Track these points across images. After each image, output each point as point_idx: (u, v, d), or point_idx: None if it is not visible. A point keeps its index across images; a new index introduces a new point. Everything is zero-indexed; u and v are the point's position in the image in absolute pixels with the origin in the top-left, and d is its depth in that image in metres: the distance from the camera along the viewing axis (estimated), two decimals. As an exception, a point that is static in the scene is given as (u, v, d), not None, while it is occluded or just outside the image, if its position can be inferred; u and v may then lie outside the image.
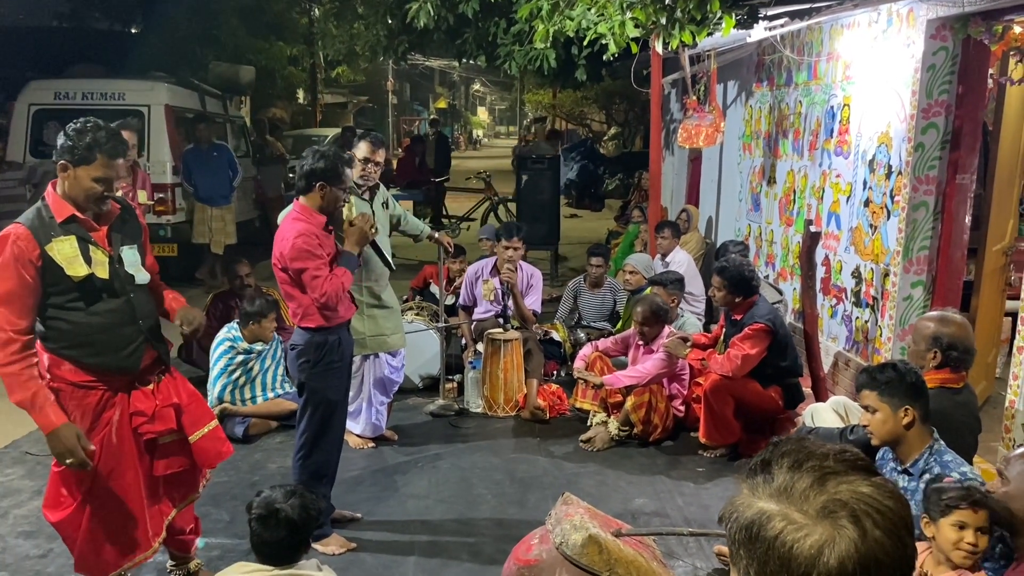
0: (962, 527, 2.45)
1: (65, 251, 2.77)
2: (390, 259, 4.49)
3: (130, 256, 2.95)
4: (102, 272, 2.85)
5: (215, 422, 3.23)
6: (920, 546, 2.55)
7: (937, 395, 3.22)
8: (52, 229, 2.77)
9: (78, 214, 2.82)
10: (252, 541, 2.58)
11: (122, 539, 3.03)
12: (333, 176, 3.56)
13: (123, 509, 3.00)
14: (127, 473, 3.00)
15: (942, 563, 2.50)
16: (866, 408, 2.96)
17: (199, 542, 3.51)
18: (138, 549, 3.06)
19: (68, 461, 2.78)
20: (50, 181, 2.90)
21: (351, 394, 4.72)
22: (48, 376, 2.84)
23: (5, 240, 2.72)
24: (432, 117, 21.81)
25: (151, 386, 3.05)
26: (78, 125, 2.79)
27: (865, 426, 2.98)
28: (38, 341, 2.83)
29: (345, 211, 3.90)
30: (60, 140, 2.79)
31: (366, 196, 4.62)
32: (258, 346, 5.16)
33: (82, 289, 2.82)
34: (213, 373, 5.10)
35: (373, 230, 3.75)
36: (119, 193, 5.23)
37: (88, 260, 2.81)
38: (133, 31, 15.38)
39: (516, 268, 5.76)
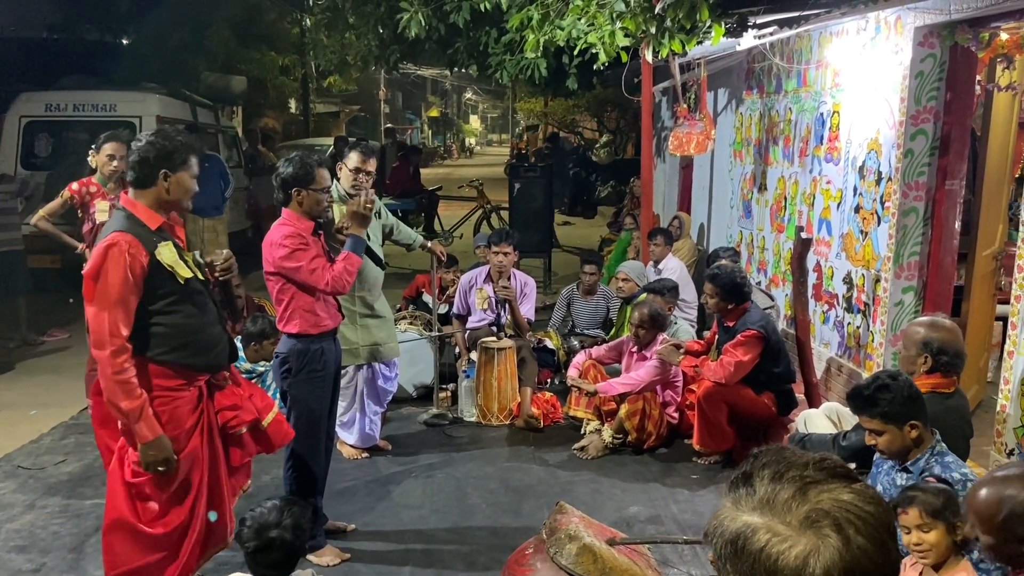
0: (908, 531, 2.48)
1: (170, 256, 2.85)
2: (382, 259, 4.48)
3: (195, 259, 3.06)
4: (198, 275, 2.96)
5: (277, 407, 3.37)
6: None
7: (928, 400, 3.23)
8: (152, 235, 2.84)
9: (167, 221, 2.94)
10: (249, 565, 2.60)
11: (211, 535, 3.09)
12: (305, 179, 3.56)
13: (218, 505, 3.09)
14: (219, 467, 3.08)
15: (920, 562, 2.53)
16: (871, 431, 2.95)
17: (211, 515, 3.55)
18: (216, 542, 3.14)
19: (160, 469, 2.84)
20: (37, 193, 2.96)
21: (344, 404, 4.73)
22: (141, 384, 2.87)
23: (119, 247, 2.75)
24: (387, 126, 21.52)
25: (228, 381, 3.14)
26: (164, 131, 2.94)
27: (873, 444, 2.96)
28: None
29: (337, 215, 3.90)
30: (152, 150, 2.86)
31: None
32: (260, 366, 5.14)
33: (184, 292, 2.89)
34: None
35: (368, 206, 3.72)
36: (109, 203, 5.22)
37: (185, 264, 2.90)
38: (124, 42, 15.36)
39: (510, 277, 5.76)
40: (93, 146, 5.27)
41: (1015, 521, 2.13)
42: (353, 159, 4.50)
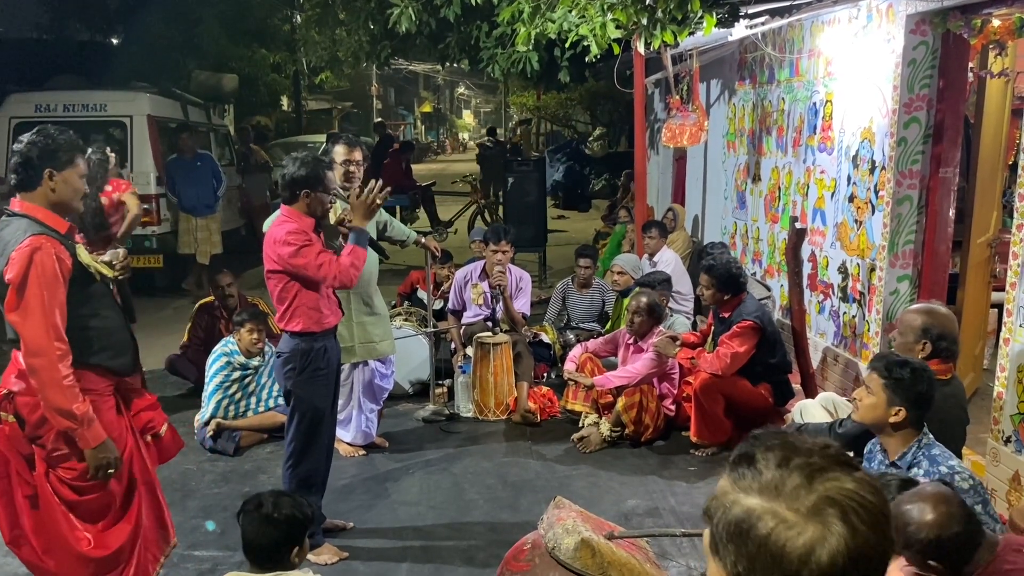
0: None
1: (87, 256, 2.79)
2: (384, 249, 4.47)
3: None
4: (109, 274, 2.90)
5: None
6: None
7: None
8: (65, 238, 2.76)
9: (70, 224, 2.85)
10: (243, 543, 2.57)
11: (160, 532, 3.11)
12: (316, 181, 3.55)
13: (158, 503, 3.11)
14: (150, 470, 3.10)
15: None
16: (865, 386, 2.94)
17: (208, 524, 3.65)
18: (169, 538, 3.17)
19: (110, 471, 2.79)
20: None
21: (341, 402, 4.70)
22: None
23: (45, 251, 2.64)
24: (377, 120, 21.47)
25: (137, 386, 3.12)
26: (46, 130, 2.78)
27: (855, 402, 2.96)
28: None
29: (331, 215, 3.88)
30: (35, 149, 2.74)
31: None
32: (255, 361, 5.11)
33: (100, 292, 2.85)
34: (209, 388, 5.02)
35: (380, 198, 3.66)
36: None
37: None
38: (114, 41, 15.28)
39: (505, 271, 5.74)
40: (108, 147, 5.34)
41: (910, 538, 2.19)
42: (340, 152, 4.47)
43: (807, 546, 0.95)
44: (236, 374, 5.05)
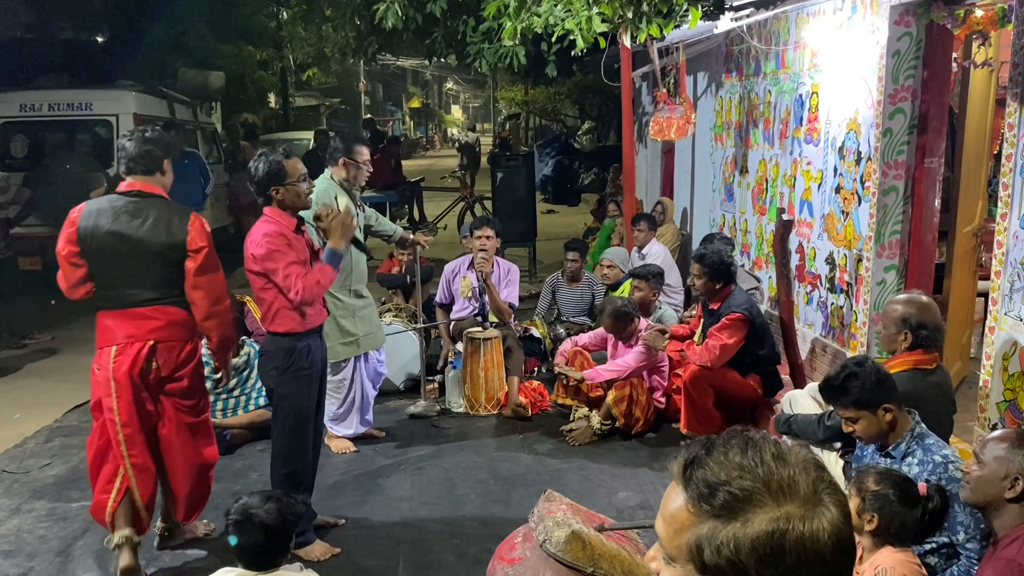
0: None
1: None
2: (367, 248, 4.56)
3: None
4: None
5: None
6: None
7: (910, 377, 3.25)
8: None
9: None
10: (234, 554, 2.58)
11: None
12: (279, 175, 3.52)
13: None
14: None
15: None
16: (847, 420, 2.93)
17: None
18: None
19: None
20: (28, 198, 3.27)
21: (340, 397, 4.76)
22: None
23: (207, 224, 3.47)
24: (367, 117, 21.49)
25: None
26: (154, 128, 3.61)
27: (852, 431, 2.97)
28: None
29: (343, 202, 3.86)
30: (158, 142, 3.46)
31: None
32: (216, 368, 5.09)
33: None
34: None
35: (354, 221, 3.73)
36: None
37: None
38: (99, 40, 15.17)
39: (488, 258, 5.73)
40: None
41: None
42: (366, 152, 4.66)
43: (833, 526, 0.94)
44: (218, 375, 5.03)
